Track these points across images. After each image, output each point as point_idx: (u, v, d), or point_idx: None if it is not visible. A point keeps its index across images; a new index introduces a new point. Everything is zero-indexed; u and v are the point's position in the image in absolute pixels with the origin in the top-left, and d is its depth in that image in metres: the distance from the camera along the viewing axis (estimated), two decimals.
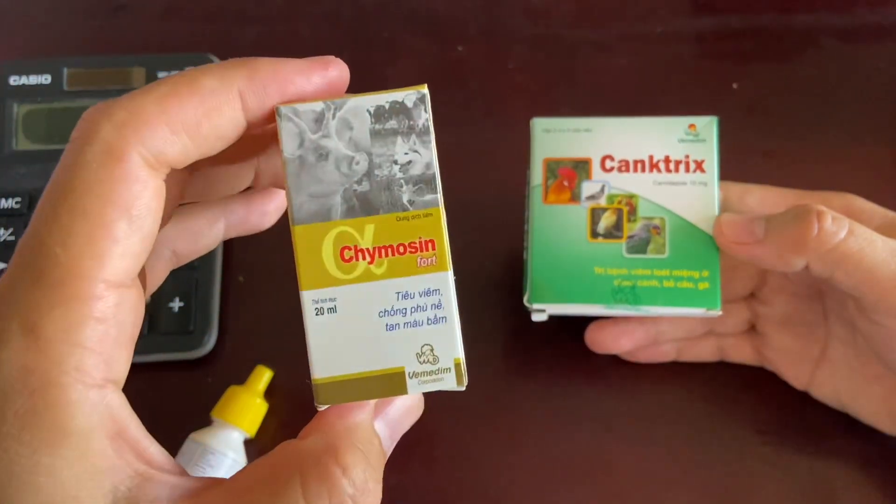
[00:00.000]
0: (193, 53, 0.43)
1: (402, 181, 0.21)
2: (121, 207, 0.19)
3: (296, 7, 0.47)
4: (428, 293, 0.21)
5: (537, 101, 0.44)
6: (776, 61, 0.45)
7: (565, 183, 0.34)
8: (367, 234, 0.21)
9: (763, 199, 0.35)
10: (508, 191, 0.39)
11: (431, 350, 0.21)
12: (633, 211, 0.33)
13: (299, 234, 0.21)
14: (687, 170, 0.34)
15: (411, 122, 0.21)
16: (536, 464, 0.37)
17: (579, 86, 0.44)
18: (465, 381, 0.21)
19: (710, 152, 0.34)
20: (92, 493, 0.18)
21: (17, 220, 0.40)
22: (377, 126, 0.21)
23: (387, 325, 0.21)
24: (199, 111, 0.20)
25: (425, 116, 0.21)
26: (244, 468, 0.21)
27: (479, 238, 0.40)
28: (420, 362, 0.21)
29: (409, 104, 0.21)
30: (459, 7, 0.46)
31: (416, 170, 0.21)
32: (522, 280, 0.34)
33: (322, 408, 0.21)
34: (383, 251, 0.21)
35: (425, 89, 0.21)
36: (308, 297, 0.21)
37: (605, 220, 0.33)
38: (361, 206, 0.21)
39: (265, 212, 0.27)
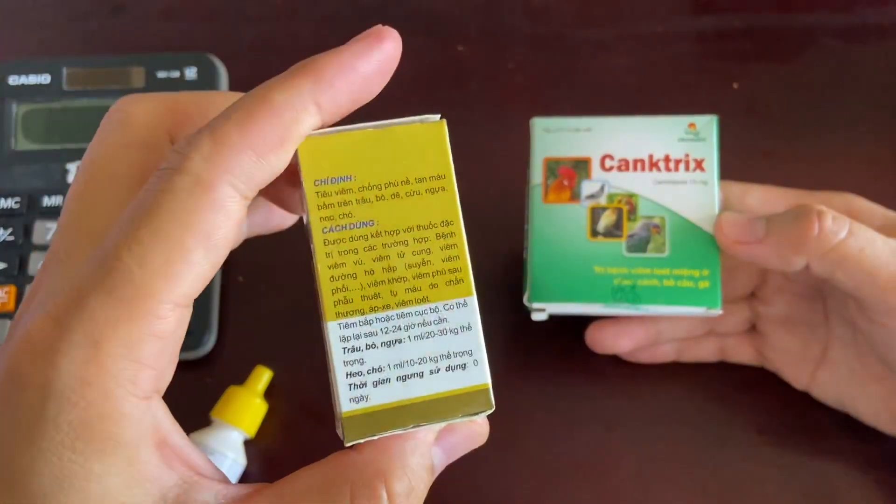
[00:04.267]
0: (193, 53, 0.42)
1: None
2: (201, 235, 0.19)
3: (296, 7, 0.47)
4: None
5: (537, 101, 0.44)
6: (776, 61, 0.44)
7: (565, 182, 0.34)
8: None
9: (764, 198, 0.35)
10: (508, 191, 0.39)
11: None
12: (632, 210, 0.33)
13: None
14: (687, 168, 0.33)
15: None
16: (536, 464, 0.36)
17: (579, 86, 0.44)
18: (493, 404, 0.21)
19: (710, 151, 0.34)
20: (141, 499, 0.19)
21: (16, 220, 0.39)
22: None
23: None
24: (278, 128, 0.20)
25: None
26: (295, 474, 0.21)
27: (479, 238, 0.40)
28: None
29: None
30: (459, 7, 0.46)
31: None
32: (522, 280, 0.34)
33: (349, 444, 0.20)
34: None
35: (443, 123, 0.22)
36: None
37: (605, 219, 0.33)
38: None
39: (286, 213, 0.27)
